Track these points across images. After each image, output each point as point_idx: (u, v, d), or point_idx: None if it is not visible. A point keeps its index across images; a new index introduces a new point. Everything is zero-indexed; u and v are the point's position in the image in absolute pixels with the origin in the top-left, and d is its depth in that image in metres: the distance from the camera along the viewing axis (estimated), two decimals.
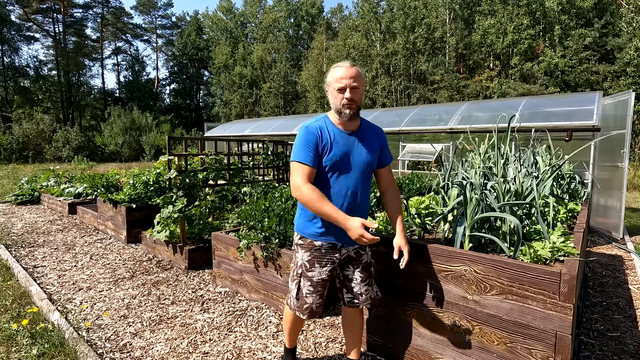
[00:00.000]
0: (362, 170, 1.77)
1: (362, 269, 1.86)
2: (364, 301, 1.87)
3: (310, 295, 1.81)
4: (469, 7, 26.60)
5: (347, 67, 1.68)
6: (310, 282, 1.80)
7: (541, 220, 1.90)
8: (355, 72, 1.68)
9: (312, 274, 1.79)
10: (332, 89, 1.71)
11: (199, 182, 4.13)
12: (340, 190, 1.74)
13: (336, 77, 1.68)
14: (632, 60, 17.10)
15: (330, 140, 1.72)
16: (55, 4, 36.52)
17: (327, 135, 1.72)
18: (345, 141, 1.75)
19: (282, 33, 39.06)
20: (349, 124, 1.76)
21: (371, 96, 28.81)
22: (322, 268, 1.79)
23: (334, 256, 1.81)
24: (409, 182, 4.65)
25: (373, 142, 1.83)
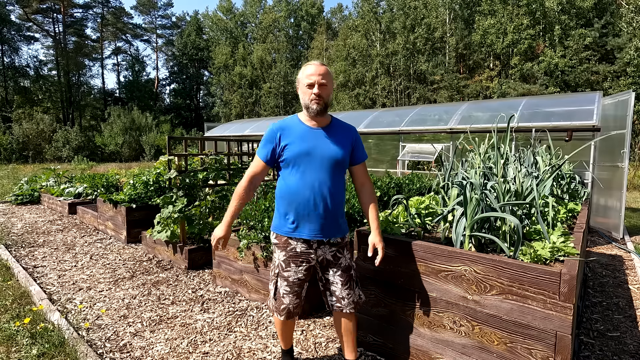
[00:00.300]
0: (328, 164, 1.79)
1: (341, 272, 1.86)
2: (347, 305, 1.87)
3: (287, 296, 1.84)
4: (469, 7, 26.59)
5: (317, 65, 1.76)
6: (286, 282, 1.83)
7: (541, 220, 1.90)
8: (324, 70, 1.75)
9: (288, 274, 1.82)
10: (302, 85, 1.77)
11: (199, 182, 4.13)
12: (307, 184, 1.77)
13: (306, 74, 1.75)
14: (632, 60, 17.10)
15: (295, 136, 1.78)
16: (55, 4, 36.52)
17: (291, 132, 1.79)
18: (311, 136, 1.79)
19: (282, 33, 39.06)
20: (317, 120, 1.82)
21: (371, 96, 28.80)
22: (298, 267, 1.82)
23: (310, 256, 1.83)
24: (409, 182, 4.65)
25: (343, 138, 1.84)
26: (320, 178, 1.77)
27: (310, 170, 1.77)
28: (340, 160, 1.82)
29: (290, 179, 1.79)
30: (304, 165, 1.77)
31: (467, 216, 1.96)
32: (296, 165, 1.77)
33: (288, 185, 1.80)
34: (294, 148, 1.77)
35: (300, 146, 1.77)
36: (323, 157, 1.78)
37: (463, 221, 1.98)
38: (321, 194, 1.78)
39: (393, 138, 8.26)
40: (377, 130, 8.36)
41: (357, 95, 29.06)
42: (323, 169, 1.78)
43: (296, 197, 1.78)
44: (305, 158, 1.77)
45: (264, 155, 1.82)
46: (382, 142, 8.65)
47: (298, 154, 1.76)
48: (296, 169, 1.78)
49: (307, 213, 1.78)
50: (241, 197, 1.82)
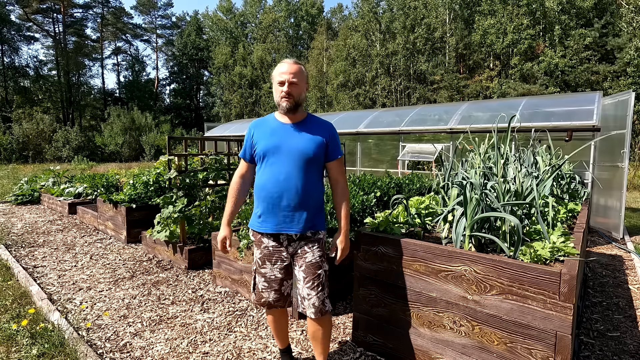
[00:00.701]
0: (297, 159, 1.78)
1: (305, 267, 1.80)
2: (307, 307, 1.79)
3: (265, 291, 1.87)
4: (468, 7, 26.58)
5: (290, 64, 1.78)
6: (264, 278, 1.87)
7: (541, 220, 1.90)
8: (296, 69, 1.77)
9: (265, 271, 1.86)
10: (274, 82, 1.82)
11: (199, 182, 4.13)
12: (273, 177, 1.79)
13: (279, 72, 1.78)
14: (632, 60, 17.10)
15: (266, 132, 1.84)
16: (55, 4, 36.51)
17: (264, 128, 1.86)
18: (282, 132, 1.82)
19: (282, 33, 39.06)
20: (290, 117, 1.84)
21: (371, 96, 28.79)
22: (273, 266, 1.85)
23: (282, 254, 1.85)
24: (409, 182, 4.65)
25: (316, 134, 1.84)
26: (287, 172, 1.77)
27: (278, 165, 1.79)
28: (310, 155, 1.80)
29: (260, 173, 1.84)
30: (272, 160, 1.80)
31: (467, 216, 1.96)
32: (265, 160, 1.82)
33: (258, 180, 1.85)
34: (263, 143, 1.81)
35: (269, 141, 1.80)
36: (291, 151, 1.78)
37: (463, 221, 1.98)
38: (287, 187, 1.77)
39: (393, 138, 8.26)
40: (377, 130, 8.36)
41: (357, 95, 29.05)
42: (291, 164, 1.78)
43: (263, 191, 1.81)
44: (273, 153, 1.80)
45: (242, 153, 1.94)
46: (382, 142, 8.65)
47: (266, 148, 1.80)
48: (265, 164, 1.82)
49: (272, 206, 1.79)
50: (234, 195, 1.92)
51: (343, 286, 3.11)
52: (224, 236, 1.91)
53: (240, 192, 1.94)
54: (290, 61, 1.79)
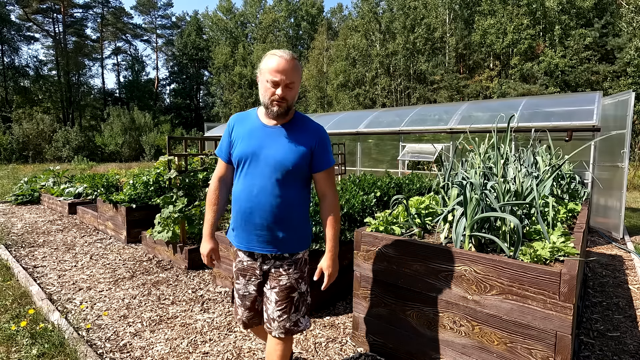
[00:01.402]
0: (274, 170, 1.52)
1: (279, 290, 1.60)
2: (275, 328, 1.61)
3: (239, 307, 1.72)
4: (468, 7, 26.59)
5: (286, 60, 1.45)
6: (237, 293, 1.71)
7: (541, 220, 1.90)
8: (293, 66, 1.47)
9: (238, 287, 1.70)
10: (263, 79, 1.49)
11: (199, 182, 4.13)
12: (246, 189, 1.55)
13: (271, 68, 1.45)
14: (632, 60, 17.10)
15: (244, 133, 1.58)
16: (55, 4, 36.51)
17: (243, 127, 1.59)
18: (262, 135, 1.55)
19: (282, 33, 39.06)
20: (269, 117, 1.59)
21: (371, 96, 28.80)
22: (247, 281, 1.67)
23: (256, 271, 1.65)
24: (409, 182, 4.65)
25: (301, 140, 1.56)
26: (261, 185, 1.52)
27: (252, 176, 1.54)
28: (289, 167, 1.53)
29: (236, 182, 1.62)
30: (247, 168, 1.55)
31: (467, 216, 1.96)
32: (241, 166, 1.58)
33: (234, 189, 1.62)
34: (240, 147, 1.56)
35: (246, 145, 1.55)
36: (268, 161, 1.52)
37: (463, 221, 1.98)
38: (259, 203, 1.53)
39: (393, 138, 8.26)
40: (377, 130, 8.36)
41: (357, 95, 29.06)
42: (267, 176, 1.52)
43: (237, 202, 1.59)
44: (249, 161, 1.54)
45: (219, 151, 1.67)
46: (382, 142, 8.65)
47: (242, 154, 1.55)
48: (240, 171, 1.58)
49: (244, 222, 1.58)
50: (214, 202, 1.67)
51: (343, 286, 3.11)
52: (210, 249, 1.69)
53: (220, 198, 1.67)
54: (286, 56, 1.46)
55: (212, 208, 1.68)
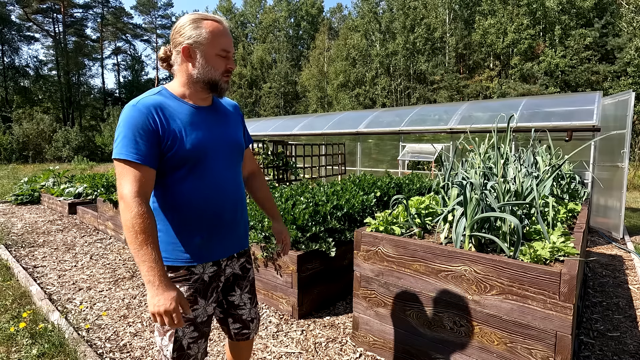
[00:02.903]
0: (233, 155, 1.35)
1: (250, 287, 1.48)
2: (254, 328, 1.51)
3: (194, 344, 1.29)
4: (468, 7, 26.60)
5: (227, 28, 1.27)
6: (194, 326, 1.28)
7: (541, 220, 1.90)
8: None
9: (196, 313, 1.28)
10: (211, 50, 1.22)
11: None
12: (207, 187, 1.26)
13: (218, 35, 1.22)
14: (633, 60, 17.10)
15: (183, 123, 1.22)
16: (55, 4, 36.52)
17: (176, 117, 1.21)
18: (203, 119, 1.27)
19: (282, 33, 39.07)
20: (202, 98, 1.30)
21: (371, 96, 28.81)
22: (208, 301, 1.31)
23: (220, 279, 1.36)
24: (409, 182, 4.65)
25: (233, 116, 1.42)
26: (223, 176, 1.30)
27: (209, 168, 1.26)
28: (242, 146, 1.40)
29: (188, 184, 1.23)
30: (203, 162, 1.25)
31: (467, 216, 1.96)
32: (190, 163, 1.22)
33: (188, 194, 1.23)
34: (190, 138, 1.21)
35: (197, 134, 1.23)
36: (223, 147, 1.30)
37: (463, 221, 1.98)
38: (226, 197, 1.31)
39: (393, 138, 8.26)
40: (377, 130, 8.36)
41: (357, 95, 29.07)
42: (224, 164, 1.31)
43: (196, 207, 1.25)
44: (206, 151, 1.25)
45: (141, 154, 1.13)
46: (382, 142, 8.65)
47: (197, 145, 1.22)
48: (189, 169, 1.23)
49: (212, 226, 1.29)
50: (151, 229, 1.10)
51: (343, 286, 3.11)
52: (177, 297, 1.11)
53: (155, 225, 1.14)
54: (225, 21, 1.27)
55: (153, 239, 1.10)
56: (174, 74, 1.29)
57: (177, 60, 1.25)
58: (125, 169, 1.12)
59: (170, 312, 1.08)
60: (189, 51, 1.22)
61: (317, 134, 9.48)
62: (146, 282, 1.09)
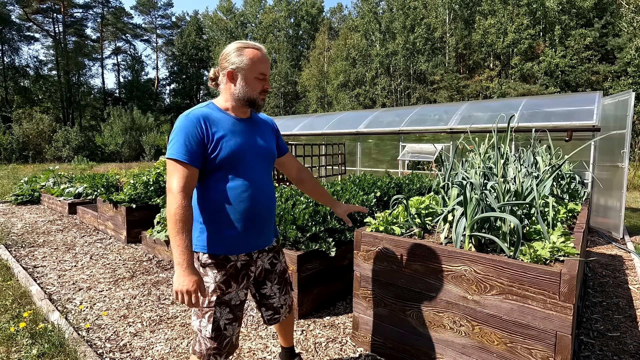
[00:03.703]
0: (266, 161, 1.57)
1: (278, 279, 1.71)
2: (284, 312, 1.78)
3: (229, 326, 1.48)
4: (468, 7, 26.60)
5: (265, 53, 1.51)
6: (229, 308, 1.47)
7: (541, 220, 1.90)
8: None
9: (230, 297, 1.48)
10: (250, 74, 1.46)
11: None
12: (245, 187, 1.47)
13: (257, 62, 1.46)
14: (633, 60, 17.10)
15: (226, 129, 1.45)
16: (55, 4, 36.52)
17: (217, 124, 1.44)
18: (243, 129, 1.51)
19: (282, 33, 39.08)
20: (242, 112, 1.54)
21: (371, 96, 28.81)
22: (240, 285, 1.52)
23: (250, 269, 1.57)
24: (409, 182, 4.65)
25: (267, 128, 1.65)
26: (258, 178, 1.51)
27: (246, 171, 1.48)
28: (274, 154, 1.64)
29: (228, 184, 1.45)
30: (240, 166, 1.46)
31: (467, 216, 1.96)
32: (228, 166, 1.44)
33: (226, 193, 1.45)
34: (230, 144, 1.43)
35: (234, 143, 1.45)
36: (258, 153, 1.53)
37: (463, 221, 1.98)
38: (262, 197, 1.52)
39: (393, 138, 8.26)
40: (377, 130, 8.36)
41: (357, 95, 29.07)
42: (259, 167, 1.53)
43: (240, 206, 1.46)
44: (244, 155, 1.47)
45: (188, 156, 1.36)
46: (382, 142, 8.65)
47: (233, 152, 1.43)
48: (228, 171, 1.45)
49: (253, 222, 1.50)
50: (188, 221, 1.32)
51: (343, 286, 3.11)
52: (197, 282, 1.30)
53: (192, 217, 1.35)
54: (264, 48, 1.51)
55: (188, 229, 1.31)
56: (220, 91, 1.54)
57: (223, 81, 1.51)
58: (175, 167, 1.35)
59: (190, 292, 1.28)
60: (232, 75, 1.47)
61: (317, 134, 9.48)
62: (176, 263, 1.29)
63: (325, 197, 1.88)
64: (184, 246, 1.29)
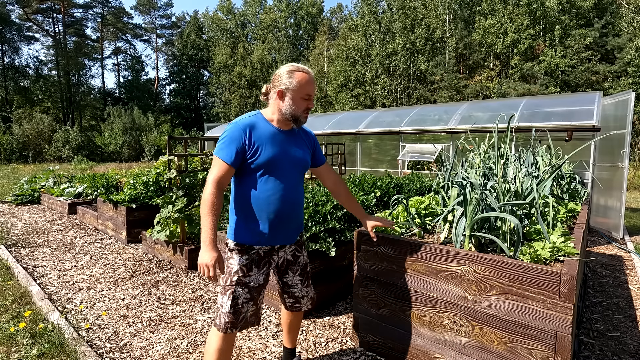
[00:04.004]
0: (298, 169, 1.77)
1: (301, 271, 1.89)
2: (306, 303, 1.93)
3: (246, 304, 1.69)
4: (468, 7, 26.59)
5: (313, 78, 1.70)
6: (247, 289, 1.69)
7: (541, 220, 1.90)
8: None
9: (249, 279, 1.69)
10: (297, 94, 1.66)
11: (199, 182, 4.13)
12: (281, 191, 1.69)
13: (304, 84, 1.66)
14: (633, 60, 17.09)
15: (266, 138, 1.67)
16: (55, 4, 36.51)
17: (262, 132, 1.67)
18: (281, 140, 1.72)
19: (282, 33, 39.06)
20: (286, 124, 1.75)
21: (371, 96, 28.79)
22: (260, 271, 1.72)
23: (272, 258, 1.78)
24: (409, 182, 4.65)
25: (305, 140, 1.85)
26: (290, 184, 1.72)
27: (280, 176, 1.69)
28: (308, 164, 1.84)
29: (264, 185, 1.67)
30: (275, 171, 1.68)
31: (467, 216, 1.96)
32: (264, 170, 1.66)
33: (258, 193, 1.67)
34: (266, 152, 1.65)
35: (272, 150, 1.67)
36: (293, 162, 1.73)
37: (463, 221, 1.98)
38: (294, 201, 1.74)
39: (393, 138, 8.26)
40: (377, 130, 8.36)
41: (357, 95, 29.05)
42: (292, 175, 1.73)
43: (267, 205, 1.67)
44: (279, 163, 1.68)
45: (229, 157, 1.61)
46: (382, 142, 8.65)
47: (270, 158, 1.65)
48: (269, 175, 1.67)
49: (280, 222, 1.71)
50: (217, 207, 1.58)
51: (343, 286, 3.11)
52: (216, 258, 1.55)
53: (220, 205, 1.62)
54: (312, 71, 1.72)
55: (215, 213, 1.58)
56: (268, 104, 1.75)
57: (273, 97, 1.71)
58: (217, 162, 1.63)
59: (209, 266, 1.53)
60: (282, 94, 1.67)
61: (317, 134, 9.48)
62: (202, 240, 1.56)
63: (357, 210, 2.03)
64: (209, 226, 1.55)
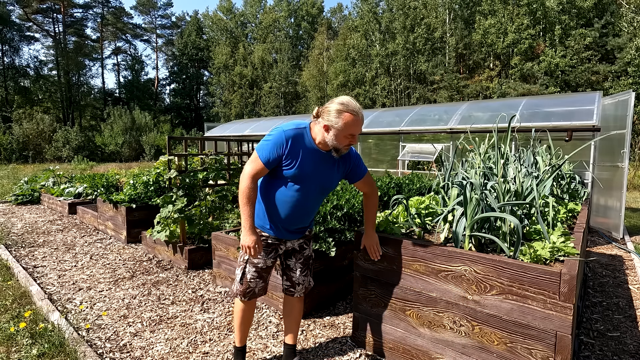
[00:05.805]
0: (323, 190, 1.93)
1: (303, 260, 2.07)
2: (299, 290, 2.08)
3: (254, 280, 1.96)
4: (468, 7, 26.58)
5: (361, 119, 1.77)
6: (255, 268, 1.95)
7: (541, 220, 1.90)
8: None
9: (258, 261, 1.94)
10: (341, 133, 1.75)
11: (199, 182, 4.13)
12: (299, 203, 1.87)
13: (350, 125, 1.74)
14: (633, 60, 17.09)
15: (303, 153, 1.80)
16: (55, 4, 36.52)
17: (300, 147, 1.80)
18: (317, 159, 1.84)
19: (282, 33, 39.05)
20: (326, 148, 1.85)
21: (371, 96, 28.79)
22: (268, 256, 1.96)
23: (280, 246, 1.99)
24: (409, 182, 4.65)
25: (341, 165, 1.94)
26: (311, 197, 1.89)
27: (303, 189, 1.85)
28: (334, 187, 2.00)
29: (285, 191, 1.85)
30: (301, 183, 1.83)
31: (467, 216, 1.96)
32: (295, 182, 1.83)
33: (279, 194, 1.86)
34: (300, 167, 1.80)
35: (304, 164, 1.80)
36: (320, 181, 1.87)
37: (463, 221, 1.98)
38: (307, 211, 1.93)
39: (393, 138, 8.26)
40: (377, 130, 8.35)
41: (357, 95, 29.05)
42: (315, 190, 1.88)
43: (282, 207, 1.87)
44: (305, 179, 1.83)
45: (266, 159, 1.78)
46: (382, 142, 8.65)
47: (300, 171, 1.80)
48: (292, 184, 1.84)
49: (288, 224, 1.92)
50: (252, 198, 1.80)
51: (343, 286, 3.11)
52: (256, 239, 1.82)
53: (255, 196, 1.84)
54: (361, 113, 1.78)
55: (251, 203, 1.81)
56: (317, 123, 1.82)
57: (320, 123, 1.80)
58: (256, 160, 1.80)
59: (249, 246, 1.81)
60: (327, 128, 1.77)
61: None
62: (242, 226, 1.83)
63: (368, 222, 2.10)
64: (248, 214, 1.80)
